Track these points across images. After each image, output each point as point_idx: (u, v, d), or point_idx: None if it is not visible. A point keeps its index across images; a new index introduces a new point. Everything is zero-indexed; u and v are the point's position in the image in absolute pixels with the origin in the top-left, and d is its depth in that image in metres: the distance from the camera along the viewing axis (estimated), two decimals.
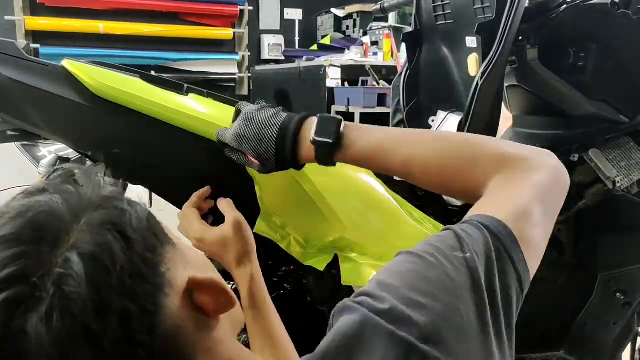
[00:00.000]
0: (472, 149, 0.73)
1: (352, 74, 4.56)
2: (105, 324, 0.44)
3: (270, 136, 0.82)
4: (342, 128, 0.80)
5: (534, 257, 0.63)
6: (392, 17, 5.00)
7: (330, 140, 0.79)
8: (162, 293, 0.48)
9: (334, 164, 0.81)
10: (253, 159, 0.85)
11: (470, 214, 0.66)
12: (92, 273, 0.44)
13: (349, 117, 4.34)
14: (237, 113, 0.91)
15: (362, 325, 0.53)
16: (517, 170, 0.68)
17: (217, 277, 0.55)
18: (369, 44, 5.13)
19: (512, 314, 0.59)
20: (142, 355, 0.46)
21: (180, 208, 1.08)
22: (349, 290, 1.06)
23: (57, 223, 0.46)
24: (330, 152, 0.79)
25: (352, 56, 4.86)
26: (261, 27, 6.34)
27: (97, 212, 0.48)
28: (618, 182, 1.37)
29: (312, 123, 0.81)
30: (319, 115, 0.82)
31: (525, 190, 0.66)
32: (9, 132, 1.08)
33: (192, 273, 0.52)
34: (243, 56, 6.10)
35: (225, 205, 0.98)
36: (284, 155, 0.83)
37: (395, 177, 1.29)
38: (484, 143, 0.74)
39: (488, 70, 1.22)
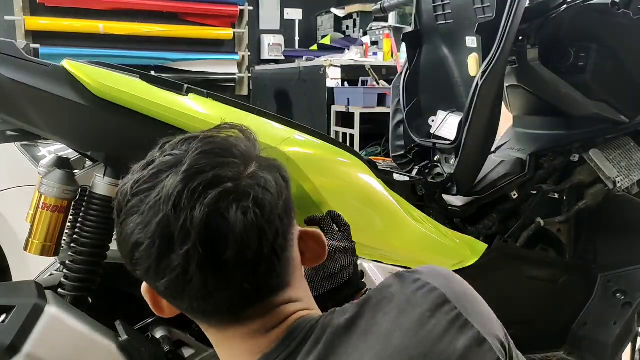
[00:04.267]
0: None
1: (352, 74, 4.55)
2: (270, 230, 0.64)
3: (328, 285, 0.93)
4: None
5: None
6: (392, 17, 4.99)
7: None
8: (292, 228, 0.70)
9: None
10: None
11: None
12: (277, 193, 0.66)
13: (349, 117, 4.34)
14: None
15: (403, 278, 0.70)
16: None
17: (322, 234, 0.76)
18: (369, 44, 5.13)
19: None
20: (274, 262, 0.66)
21: None
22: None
23: (243, 152, 0.68)
24: None
25: (352, 56, 4.86)
26: (261, 27, 6.34)
27: (266, 159, 0.69)
28: (618, 182, 1.38)
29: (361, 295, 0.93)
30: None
31: None
32: (9, 132, 1.08)
33: (303, 229, 0.75)
34: (243, 56, 6.10)
35: None
36: (326, 300, 0.93)
37: (395, 177, 1.30)
38: None
39: (488, 70, 1.22)
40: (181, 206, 0.62)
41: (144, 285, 0.70)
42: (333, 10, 6.17)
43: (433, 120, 1.45)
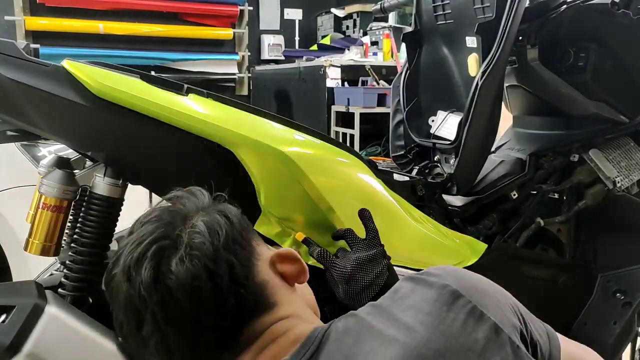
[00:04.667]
0: None
1: (352, 74, 4.55)
2: (218, 267, 0.69)
3: (369, 294, 0.95)
4: None
5: None
6: (392, 17, 4.99)
7: None
8: (254, 257, 0.74)
9: None
10: (342, 291, 0.96)
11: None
12: (209, 233, 0.70)
13: (349, 117, 4.34)
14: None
15: (415, 280, 0.73)
16: None
17: (294, 252, 0.79)
18: (369, 44, 5.13)
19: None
20: (244, 294, 0.70)
21: None
22: None
23: (184, 211, 0.75)
24: None
25: (352, 56, 4.86)
26: (261, 27, 6.34)
27: (209, 207, 0.76)
28: (618, 182, 1.38)
29: None
30: None
31: None
32: (9, 132, 1.08)
33: (274, 252, 0.79)
34: (243, 56, 6.10)
35: None
36: None
37: (395, 177, 1.30)
38: None
39: (488, 71, 1.22)
40: (132, 276, 0.69)
41: None
42: (333, 10, 6.17)
43: (433, 120, 1.45)
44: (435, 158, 1.46)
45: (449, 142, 1.36)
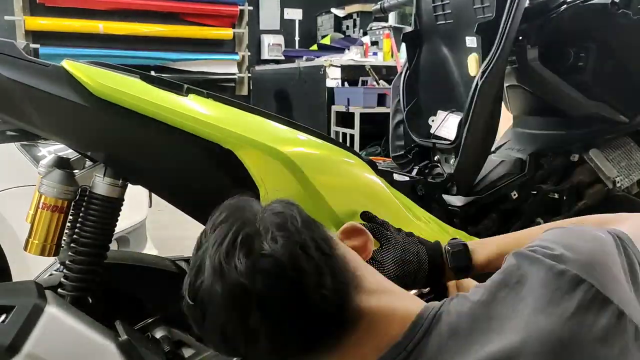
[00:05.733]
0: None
1: (352, 74, 4.56)
2: (305, 241, 0.68)
3: (423, 274, 0.96)
4: (470, 252, 0.95)
5: None
6: (392, 17, 5.00)
7: (464, 264, 0.95)
8: (326, 232, 0.74)
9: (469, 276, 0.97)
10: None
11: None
12: (286, 214, 0.70)
13: (349, 117, 4.34)
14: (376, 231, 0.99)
15: (530, 260, 0.69)
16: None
17: (356, 224, 0.81)
18: (369, 44, 5.13)
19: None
20: (334, 265, 0.69)
21: (179, 208, 1.08)
22: None
23: (250, 208, 0.73)
24: (466, 272, 0.96)
25: (352, 56, 4.86)
26: (261, 27, 6.34)
27: (268, 205, 0.74)
28: (618, 182, 1.38)
29: (447, 253, 0.97)
30: (447, 245, 0.97)
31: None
32: (9, 132, 1.08)
33: (339, 230, 0.80)
34: (243, 56, 6.10)
35: None
36: (430, 283, 0.98)
37: (395, 177, 1.30)
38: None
39: (488, 70, 1.22)
40: (226, 271, 0.66)
41: None
42: (333, 10, 6.18)
43: (433, 120, 1.45)
44: (435, 158, 1.46)
45: (449, 142, 1.36)
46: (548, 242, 0.71)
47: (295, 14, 6.51)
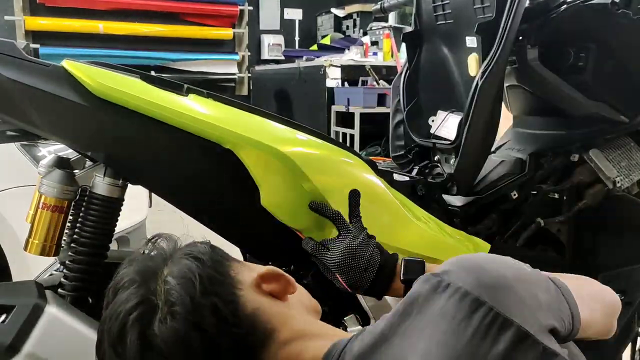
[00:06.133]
0: None
1: (352, 74, 4.56)
2: (201, 316, 0.67)
3: (368, 277, 0.94)
4: (425, 270, 0.94)
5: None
6: (392, 17, 5.00)
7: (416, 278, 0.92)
8: (236, 289, 0.71)
9: None
10: (341, 280, 0.96)
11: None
12: (182, 284, 0.68)
13: (349, 117, 4.34)
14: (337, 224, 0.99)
15: (432, 287, 0.68)
16: None
17: (275, 268, 0.77)
18: (369, 44, 5.13)
19: None
20: (237, 332, 0.68)
21: (179, 208, 1.07)
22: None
23: (153, 267, 0.72)
24: None
25: (352, 56, 4.86)
26: (261, 27, 6.34)
27: (175, 253, 0.74)
28: (618, 182, 1.37)
29: (400, 266, 0.96)
30: (403, 259, 0.96)
31: None
32: (9, 132, 1.08)
33: (256, 273, 0.76)
34: (243, 56, 6.10)
35: None
36: (375, 290, 0.96)
37: (395, 177, 1.30)
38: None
39: (488, 70, 1.22)
40: (119, 351, 0.68)
41: None
42: (333, 10, 6.17)
43: (433, 120, 1.45)
44: (435, 158, 1.46)
45: (449, 142, 1.36)
46: (452, 265, 0.70)
47: (295, 14, 6.51)
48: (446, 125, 1.39)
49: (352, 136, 4.34)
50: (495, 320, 0.63)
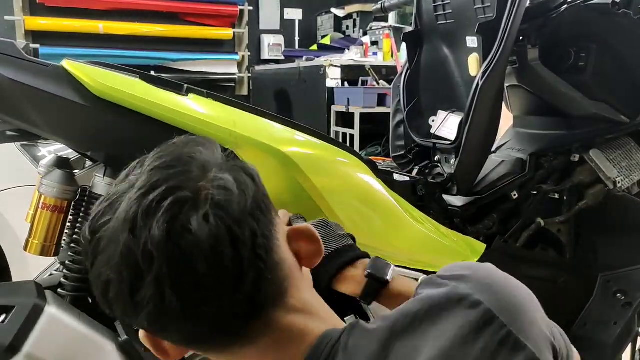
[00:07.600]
0: None
1: (352, 74, 4.55)
2: (243, 232, 0.58)
3: (333, 267, 0.87)
4: (392, 272, 0.87)
5: None
6: (392, 17, 5.00)
7: (380, 276, 0.86)
8: (273, 227, 0.63)
9: (373, 299, 0.86)
10: None
11: None
12: (238, 192, 0.59)
13: (349, 117, 4.34)
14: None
15: (447, 297, 0.62)
16: None
17: (313, 229, 0.69)
18: (369, 44, 5.12)
19: None
20: (260, 267, 0.59)
21: None
22: None
23: (202, 160, 0.61)
24: (378, 285, 0.86)
25: (352, 56, 4.85)
26: (261, 27, 6.33)
27: (228, 162, 0.63)
28: (619, 182, 1.37)
29: (366, 262, 0.88)
30: (373, 257, 0.90)
31: None
32: (9, 132, 1.08)
33: (292, 227, 0.68)
34: (243, 56, 6.09)
35: None
36: (326, 267, 0.87)
37: (396, 177, 1.30)
38: None
39: (489, 71, 1.22)
40: (137, 229, 0.56)
41: (141, 332, 0.65)
42: (333, 10, 6.17)
43: (433, 120, 1.45)
44: (436, 158, 1.46)
45: (450, 142, 1.36)
46: (464, 269, 0.66)
47: (295, 14, 6.50)
48: (446, 125, 1.39)
49: (352, 136, 4.33)
50: (507, 339, 0.58)
